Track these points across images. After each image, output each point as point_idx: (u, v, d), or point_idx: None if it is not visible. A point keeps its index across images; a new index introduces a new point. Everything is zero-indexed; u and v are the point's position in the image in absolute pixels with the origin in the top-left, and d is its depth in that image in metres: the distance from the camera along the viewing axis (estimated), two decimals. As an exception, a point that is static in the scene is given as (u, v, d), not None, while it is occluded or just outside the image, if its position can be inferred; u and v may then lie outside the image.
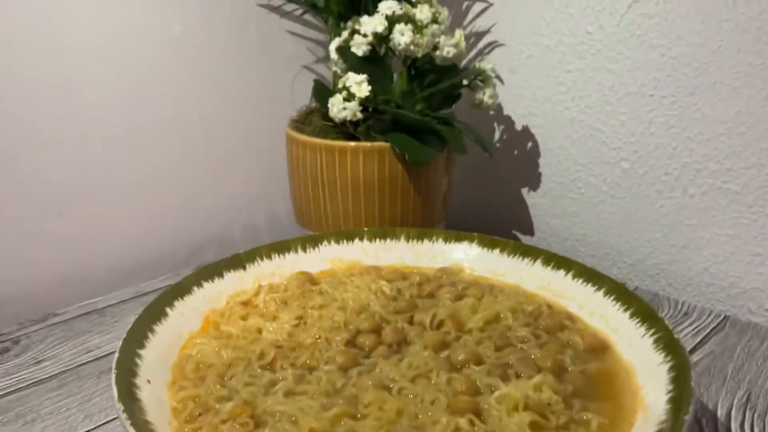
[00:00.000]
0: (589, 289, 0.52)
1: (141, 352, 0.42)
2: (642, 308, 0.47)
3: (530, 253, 0.57)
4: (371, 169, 0.67)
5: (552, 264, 0.55)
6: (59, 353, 0.61)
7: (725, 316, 0.68)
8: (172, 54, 0.74)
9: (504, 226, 0.90)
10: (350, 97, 0.65)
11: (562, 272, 0.54)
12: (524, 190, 0.87)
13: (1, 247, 0.66)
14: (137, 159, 0.74)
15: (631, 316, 0.47)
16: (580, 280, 0.53)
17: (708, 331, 0.65)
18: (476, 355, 0.45)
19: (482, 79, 0.71)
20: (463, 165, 0.87)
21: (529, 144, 0.85)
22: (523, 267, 0.56)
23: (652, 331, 0.45)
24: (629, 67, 0.73)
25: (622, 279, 0.80)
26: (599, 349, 0.47)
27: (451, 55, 0.69)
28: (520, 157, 0.86)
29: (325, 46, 0.85)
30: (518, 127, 0.85)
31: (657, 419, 0.37)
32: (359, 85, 0.65)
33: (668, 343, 0.42)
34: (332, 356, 0.44)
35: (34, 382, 0.56)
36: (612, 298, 0.50)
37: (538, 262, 0.56)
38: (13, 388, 0.55)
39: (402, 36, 0.67)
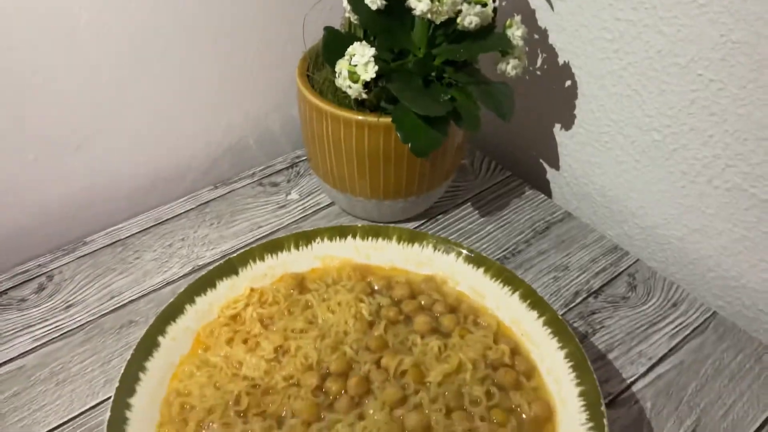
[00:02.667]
0: (554, 344, 0.54)
1: (131, 401, 0.49)
2: (592, 394, 0.50)
3: (511, 282, 0.58)
4: (376, 142, 0.66)
5: (528, 302, 0.56)
6: (86, 297, 0.69)
7: (713, 313, 0.69)
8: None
9: (527, 155, 0.88)
10: (355, 77, 0.61)
11: (535, 314, 0.56)
12: (552, 126, 0.83)
13: (26, 180, 0.70)
14: (151, 78, 0.73)
15: (580, 395, 0.50)
16: (549, 330, 0.55)
17: (688, 332, 0.68)
18: (426, 422, 0.50)
19: (506, 49, 0.64)
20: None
21: (566, 82, 0.78)
22: (501, 295, 0.58)
23: (590, 426, 0.48)
24: (682, 37, 0.64)
25: (631, 237, 0.80)
26: (542, 420, 0.51)
27: (473, 25, 0.62)
28: (554, 92, 0.80)
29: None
30: (558, 60, 0.78)
31: None
32: (365, 66, 0.60)
33: (597, 450, 0.46)
34: (299, 409, 0.50)
35: (64, 333, 0.65)
36: (571, 365, 0.52)
37: (516, 295, 0.57)
38: (47, 339, 0.65)
39: (419, 3, 0.60)
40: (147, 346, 0.52)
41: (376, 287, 0.60)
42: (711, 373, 0.64)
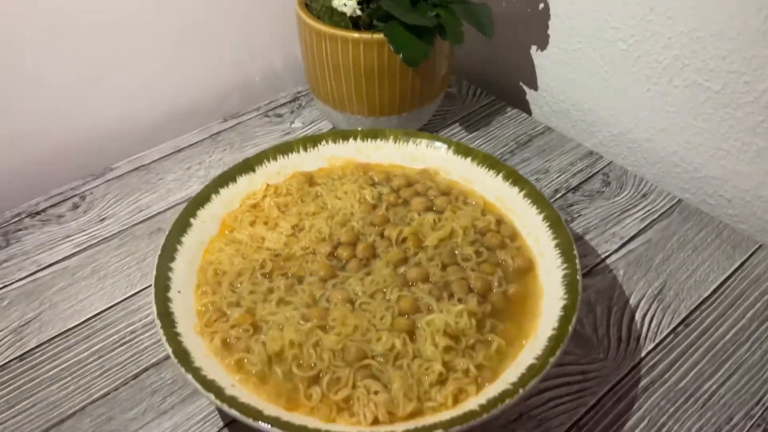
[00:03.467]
0: (534, 210, 0.62)
1: (172, 265, 0.57)
2: (565, 243, 0.58)
3: (495, 166, 0.66)
4: (371, 58, 0.74)
5: (510, 180, 0.65)
6: (117, 212, 0.77)
7: (679, 200, 0.77)
8: None
9: (509, 79, 0.96)
10: (350, -5, 0.69)
11: (516, 189, 0.64)
12: (529, 49, 0.91)
13: (54, 113, 0.79)
14: (164, 20, 0.81)
15: (556, 246, 0.59)
16: (529, 201, 0.63)
17: (656, 216, 0.76)
18: (425, 274, 0.58)
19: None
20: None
21: (540, 5, 0.86)
22: (487, 178, 0.66)
23: (564, 266, 0.57)
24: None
25: (606, 145, 0.88)
26: (525, 270, 0.60)
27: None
28: (529, 17, 0.88)
29: None
30: (529, -13, 0.86)
31: (535, 353, 0.51)
32: (358, -16, 0.68)
33: (570, 283, 0.55)
34: (316, 269, 0.59)
35: (101, 240, 0.73)
36: (548, 224, 0.61)
37: (500, 176, 0.65)
38: (87, 244, 0.73)
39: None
40: (182, 225, 0.60)
41: (376, 180, 0.68)
42: (676, 246, 0.72)
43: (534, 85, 0.93)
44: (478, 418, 0.45)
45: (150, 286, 0.58)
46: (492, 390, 0.49)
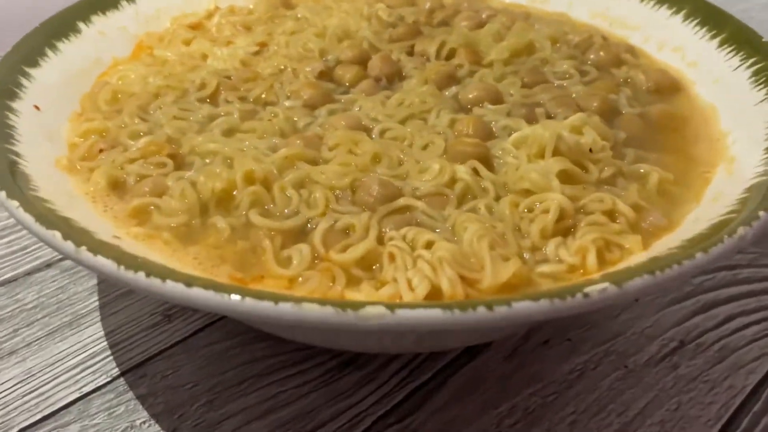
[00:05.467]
0: (663, 12, 0.37)
1: (32, 71, 0.31)
2: (737, 31, 0.33)
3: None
4: None
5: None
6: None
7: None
8: None
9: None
10: None
11: (627, -8, 0.39)
12: None
13: None
14: None
15: (721, 43, 0.33)
16: (651, 2, 0.38)
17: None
18: (494, 93, 0.32)
19: None
20: None
21: None
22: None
23: (751, 61, 0.31)
24: None
25: None
26: (668, 89, 0.34)
27: None
28: None
29: None
30: None
31: (750, 173, 0.25)
32: None
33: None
34: (297, 90, 0.33)
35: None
36: (695, 22, 0.35)
37: (596, -19, 0.41)
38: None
39: None
40: (60, 26, 0.34)
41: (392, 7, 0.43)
42: None
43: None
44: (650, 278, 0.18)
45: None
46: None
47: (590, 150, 0.27)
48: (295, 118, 0.31)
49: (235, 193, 0.26)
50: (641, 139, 0.30)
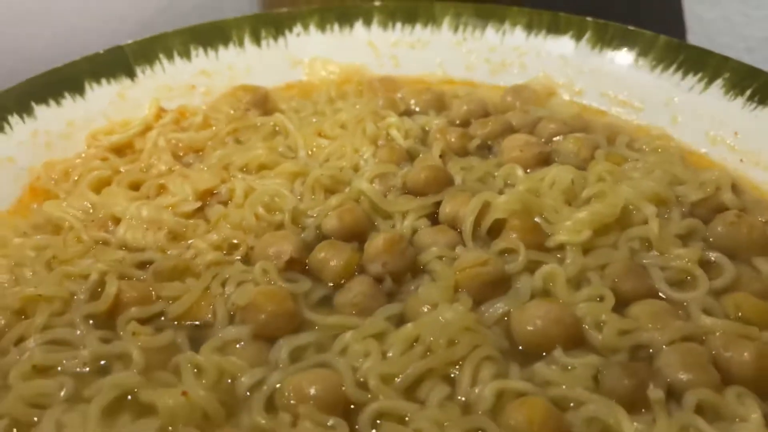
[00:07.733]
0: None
1: None
2: None
3: (700, 63, 0.27)
4: None
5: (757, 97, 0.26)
6: None
7: None
8: None
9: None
10: None
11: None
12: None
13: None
14: None
15: None
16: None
17: None
18: (569, 322, 0.19)
19: None
20: None
21: None
22: (679, 89, 0.28)
23: None
24: None
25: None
26: None
27: None
28: None
29: None
30: None
31: None
32: None
33: None
34: (248, 305, 0.20)
35: None
36: None
37: (717, 85, 0.27)
38: None
39: None
40: None
41: (414, 107, 0.30)
42: None
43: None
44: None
45: None
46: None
47: None
48: (238, 375, 0.18)
49: None
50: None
